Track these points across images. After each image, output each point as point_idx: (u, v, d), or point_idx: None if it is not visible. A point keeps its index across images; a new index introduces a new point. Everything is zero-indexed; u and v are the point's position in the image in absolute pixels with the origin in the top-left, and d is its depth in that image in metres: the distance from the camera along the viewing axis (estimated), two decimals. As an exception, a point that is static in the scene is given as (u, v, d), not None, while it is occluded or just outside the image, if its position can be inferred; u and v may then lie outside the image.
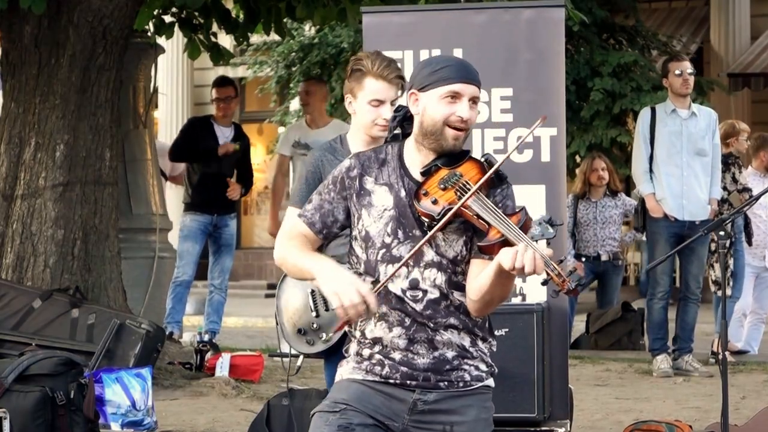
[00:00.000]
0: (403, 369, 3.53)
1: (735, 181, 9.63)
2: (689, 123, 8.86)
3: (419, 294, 3.51)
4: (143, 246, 10.10)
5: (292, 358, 5.12)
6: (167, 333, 8.86)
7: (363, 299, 3.39)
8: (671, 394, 8.10)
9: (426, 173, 3.51)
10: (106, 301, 8.27)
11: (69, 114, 8.25)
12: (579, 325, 11.01)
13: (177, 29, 9.42)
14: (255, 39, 13.66)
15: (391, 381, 3.54)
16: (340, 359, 3.70)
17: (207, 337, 9.35)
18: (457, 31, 6.07)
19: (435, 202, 3.46)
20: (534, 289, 5.88)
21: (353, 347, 3.63)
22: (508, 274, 3.32)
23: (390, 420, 3.54)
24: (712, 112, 9.16)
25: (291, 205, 4.57)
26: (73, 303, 7.75)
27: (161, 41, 10.00)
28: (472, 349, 3.57)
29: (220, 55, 9.55)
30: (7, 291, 7.81)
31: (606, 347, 10.36)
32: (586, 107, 14.07)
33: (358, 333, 3.60)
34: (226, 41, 11.44)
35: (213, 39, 9.55)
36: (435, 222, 3.45)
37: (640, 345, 10.29)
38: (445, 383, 3.54)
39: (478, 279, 3.45)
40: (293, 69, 15.97)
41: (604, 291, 10.77)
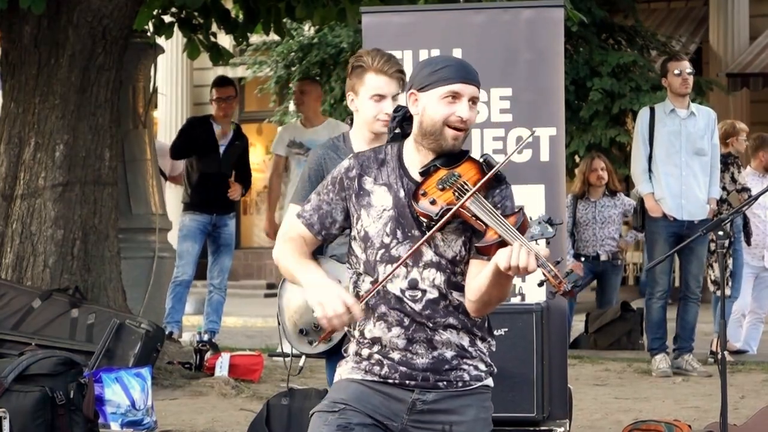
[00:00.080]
0: (402, 369, 3.53)
1: (734, 181, 9.63)
2: (688, 123, 8.86)
3: (418, 294, 3.52)
4: (143, 246, 10.10)
5: (294, 358, 5.11)
6: (167, 333, 8.85)
7: (347, 310, 3.40)
8: (670, 393, 8.10)
9: (424, 173, 3.52)
10: (105, 301, 8.27)
11: (68, 114, 8.25)
12: (578, 325, 11.01)
13: (176, 29, 9.44)
14: (254, 39, 13.67)
15: (390, 381, 3.54)
16: (341, 359, 3.70)
17: (206, 337, 9.34)
18: (457, 31, 6.07)
19: (433, 202, 3.46)
20: (533, 289, 5.87)
21: (352, 347, 3.63)
22: (505, 274, 3.32)
23: (389, 420, 3.54)
24: (711, 111, 9.16)
25: (292, 203, 4.58)
26: (73, 303, 7.75)
27: (161, 41, 10.00)
28: (471, 349, 3.58)
29: (219, 55, 9.56)
30: (7, 291, 7.80)
31: (605, 347, 10.36)
32: (585, 107, 14.07)
33: (357, 333, 3.60)
34: (225, 41, 11.45)
35: (212, 39, 9.56)
36: (433, 222, 3.45)
37: (639, 345, 10.29)
38: (444, 383, 3.54)
39: (476, 279, 3.46)
40: (293, 69, 15.96)
41: (603, 291, 10.76)
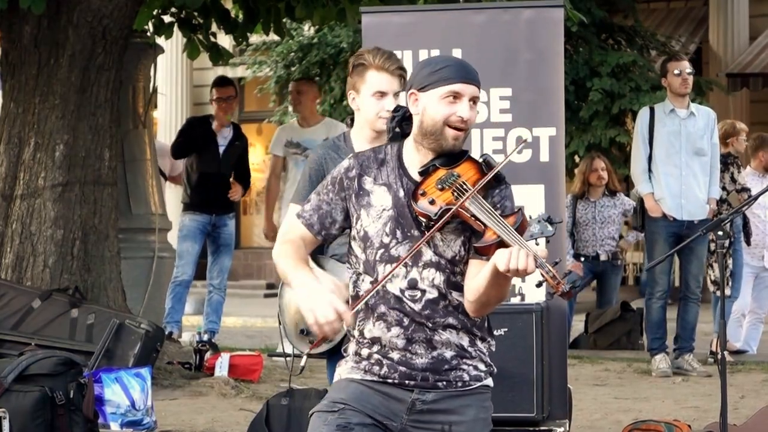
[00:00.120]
0: (402, 369, 3.53)
1: (734, 181, 9.63)
2: (688, 123, 8.86)
3: (418, 294, 3.52)
4: (142, 246, 10.10)
5: (295, 357, 5.10)
6: (166, 333, 8.85)
7: (339, 317, 3.40)
8: (670, 393, 8.10)
9: (424, 173, 3.52)
10: (105, 301, 8.27)
11: (68, 114, 8.25)
12: (578, 325, 11.01)
13: (176, 29, 9.43)
14: (254, 39, 13.67)
15: (390, 381, 3.54)
16: (341, 359, 3.70)
17: (206, 337, 9.34)
18: (457, 31, 6.07)
19: (432, 202, 3.46)
20: (533, 289, 5.84)
21: (352, 347, 3.63)
22: (504, 275, 3.32)
23: (388, 420, 3.54)
24: (710, 111, 9.16)
25: (292, 203, 4.58)
26: (73, 303, 7.75)
27: (160, 41, 9.99)
28: (470, 349, 3.58)
29: (219, 55, 9.55)
30: (7, 291, 7.80)
31: (605, 347, 10.36)
32: (585, 107, 14.06)
33: (356, 333, 3.60)
34: (225, 41, 11.44)
35: (212, 39, 9.55)
36: (432, 222, 3.45)
37: (639, 345, 10.28)
38: (444, 383, 3.54)
39: (474, 280, 3.46)
40: (292, 69, 15.95)
41: (603, 291, 10.76)
